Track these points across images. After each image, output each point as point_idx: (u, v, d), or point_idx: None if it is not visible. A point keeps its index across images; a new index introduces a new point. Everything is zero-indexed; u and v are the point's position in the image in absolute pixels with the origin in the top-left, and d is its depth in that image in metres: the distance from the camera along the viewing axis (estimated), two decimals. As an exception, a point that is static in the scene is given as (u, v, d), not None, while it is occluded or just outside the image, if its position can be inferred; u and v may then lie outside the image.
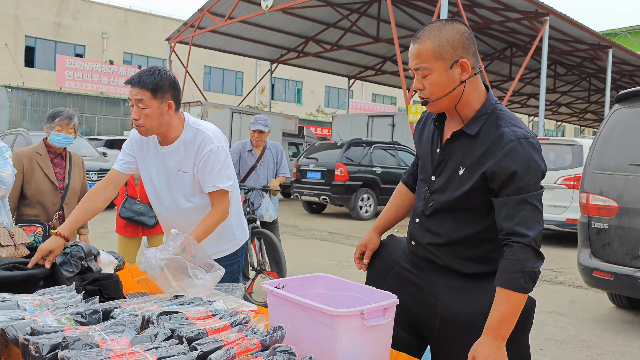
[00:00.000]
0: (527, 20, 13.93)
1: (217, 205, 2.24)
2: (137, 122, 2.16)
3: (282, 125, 16.39)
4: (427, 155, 1.74)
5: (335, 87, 36.69)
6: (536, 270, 1.48)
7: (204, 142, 2.22)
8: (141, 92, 2.11)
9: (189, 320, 1.46)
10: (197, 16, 16.72)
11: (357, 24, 16.89)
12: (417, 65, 1.58)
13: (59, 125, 3.44)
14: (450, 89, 1.56)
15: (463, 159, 1.60)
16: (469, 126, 1.60)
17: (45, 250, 2.10)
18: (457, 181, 1.62)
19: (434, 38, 1.55)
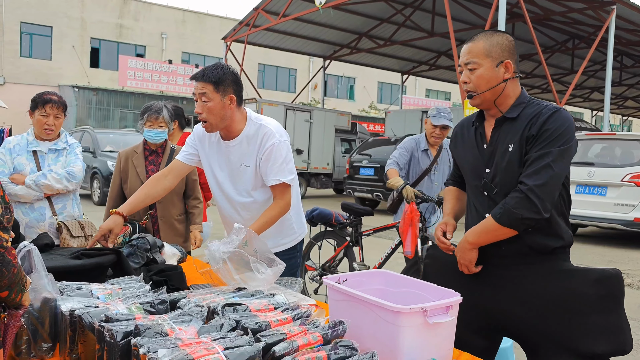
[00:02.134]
0: (592, 10, 13.28)
1: (279, 198, 2.29)
2: (200, 117, 2.24)
3: (335, 121, 16.41)
4: (475, 157, 1.90)
5: (388, 83, 36.37)
6: (516, 213, 1.69)
7: (267, 136, 2.28)
8: (204, 85, 2.19)
9: (252, 313, 1.49)
10: (252, 15, 16.98)
11: (411, 19, 16.66)
12: (468, 59, 1.81)
13: (149, 121, 3.28)
14: (494, 84, 1.79)
15: (511, 138, 1.78)
16: (509, 112, 1.81)
17: (105, 229, 2.19)
18: (508, 158, 1.78)
19: (486, 39, 1.81)
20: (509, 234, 1.74)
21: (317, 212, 4.67)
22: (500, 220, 1.72)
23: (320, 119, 15.94)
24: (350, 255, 4.55)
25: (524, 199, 1.68)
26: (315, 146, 15.67)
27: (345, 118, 16.95)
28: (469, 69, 1.82)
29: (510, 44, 1.81)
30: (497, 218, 1.72)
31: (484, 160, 1.86)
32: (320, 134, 15.84)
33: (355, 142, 16.81)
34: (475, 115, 1.97)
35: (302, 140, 15.35)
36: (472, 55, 1.81)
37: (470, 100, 1.84)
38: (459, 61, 1.87)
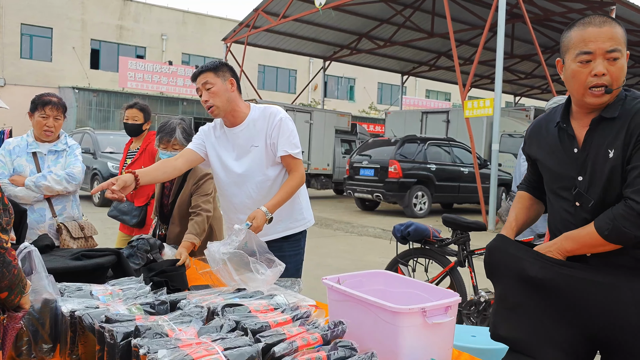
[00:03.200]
0: (591, 10, 13.29)
1: (295, 170, 2.45)
2: (207, 104, 2.39)
3: (335, 122, 16.42)
4: (561, 162, 1.66)
5: (388, 84, 36.36)
6: (626, 231, 1.48)
7: (273, 113, 2.46)
8: (204, 75, 2.38)
9: (252, 313, 1.50)
10: (252, 16, 17.01)
11: (411, 19, 16.68)
12: (613, 46, 1.52)
13: (162, 144, 3.02)
14: (625, 77, 1.56)
15: (610, 142, 1.54)
16: (607, 111, 1.56)
17: (122, 182, 2.14)
18: (610, 166, 1.54)
19: (618, 24, 1.56)
20: (613, 247, 1.54)
21: (413, 227, 3.99)
22: (608, 237, 1.51)
23: (320, 119, 15.96)
24: (456, 278, 3.84)
25: (634, 215, 1.47)
26: (315, 147, 15.68)
27: (345, 119, 16.96)
28: (612, 57, 1.51)
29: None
30: (604, 235, 1.51)
31: (575, 167, 1.62)
32: (321, 135, 15.85)
33: (356, 143, 16.81)
34: (558, 112, 1.70)
35: (302, 141, 15.31)
36: (616, 42, 1.51)
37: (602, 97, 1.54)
38: (592, 47, 1.52)
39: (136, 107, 3.84)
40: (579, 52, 1.55)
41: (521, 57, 19.61)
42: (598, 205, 1.58)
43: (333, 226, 10.12)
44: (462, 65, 18.44)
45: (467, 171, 12.38)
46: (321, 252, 7.36)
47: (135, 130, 3.85)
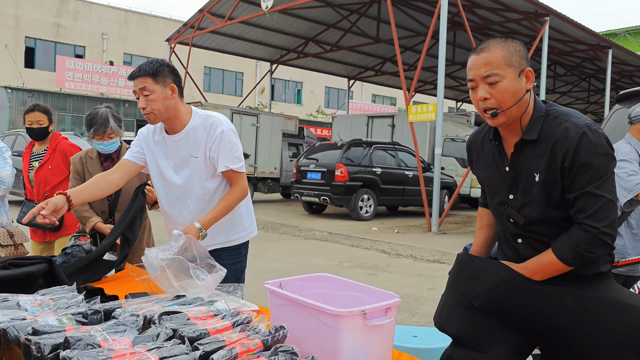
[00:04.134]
0: (527, 21, 13.93)
1: (237, 184, 2.35)
2: (144, 111, 2.24)
3: (283, 125, 16.39)
4: (496, 177, 1.72)
5: (335, 88, 36.69)
6: (590, 255, 1.54)
7: (214, 124, 2.32)
8: (143, 79, 2.21)
9: (190, 321, 1.46)
10: (197, 17, 16.73)
11: (357, 25, 16.90)
12: (488, 72, 1.56)
13: (97, 135, 3.03)
14: (520, 97, 1.57)
15: (535, 166, 1.60)
16: (527, 133, 1.60)
17: (52, 205, 2.04)
18: (538, 189, 1.60)
19: (502, 47, 1.58)
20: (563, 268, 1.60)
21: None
22: (573, 264, 1.56)
23: (267, 123, 15.88)
24: None
25: (595, 240, 1.53)
26: (262, 150, 15.59)
27: (293, 122, 16.96)
28: (490, 82, 1.56)
29: (524, 50, 1.61)
30: (569, 263, 1.56)
31: (505, 185, 1.68)
32: (268, 138, 15.77)
33: (303, 147, 16.84)
34: (490, 131, 1.73)
35: (249, 144, 15.24)
36: (492, 67, 1.56)
37: (493, 119, 1.59)
38: (473, 75, 1.60)
39: (38, 110, 3.62)
40: (467, 79, 1.64)
41: (462, 64, 20.25)
42: (530, 224, 1.64)
43: (280, 230, 10.08)
44: (406, 71, 18.85)
45: (411, 174, 12.65)
46: (267, 256, 7.31)
47: (42, 134, 3.65)
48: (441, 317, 1.75)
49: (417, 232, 10.45)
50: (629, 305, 1.57)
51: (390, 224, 11.49)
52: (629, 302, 1.58)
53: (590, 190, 1.52)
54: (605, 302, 1.59)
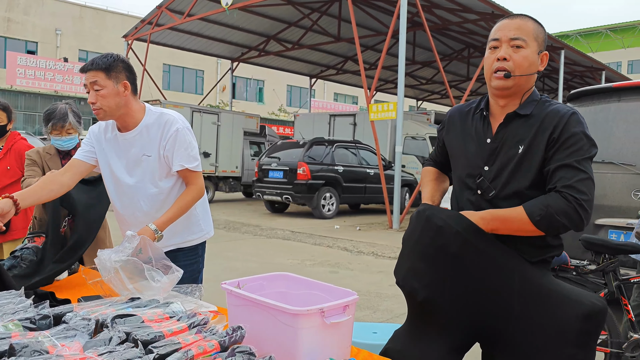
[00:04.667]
0: (484, 22, 14.26)
1: (193, 184, 2.28)
2: (94, 107, 2.15)
3: (244, 124, 16.26)
4: (472, 149, 1.73)
5: (297, 86, 36.67)
6: (558, 220, 1.53)
7: (169, 122, 2.24)
8: (95, 73, 2.13)
9: (145, 323, 1.42)
10: (155, 13, 16.41)
11: (318, 23, 16.92)
12: (516, 35, 1.62)
13: (55, 130, 2.98)
14: (534, 71, 1.64)
15: (521, 138, 1.63)
16: (522, 108, 1.65)
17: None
18: (517, 161, 1.63)
19: (534, 22, 1.67)
20: (533, 233, 1.59)
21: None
22: (537, 223, 1.55)
23: (228, 121, 15.72)
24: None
25: (572, 209, 1.53)
26: (223, 149, 15.42)
27: (254, 121, 16.85)
28: (516, 45, 1.61)
29: (547, 37, 1.69)
30: (535, 220, 1.55)
31: (483, 156, 1.70)
32: (229, 137, 15.61)
33: (264, 145, 16.76)
34: (482, 103, 1.76)
35: (210, 143, 15.05)
36: (521, 32, 1.62)
37: (504, 80, 1.62)
38: (499, 35, 1.64)
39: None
40: (490, 40, 1.68)
41: (422, 64, 20.58)
42: (497, 197, 1.66)
43: (241, 229, 9.99)
44: (367, 70, 19.02)
45: (372, 172, 12.77)
46: (228, 256, 7.24)
47: (1, 132, 3.51)
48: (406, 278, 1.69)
49: (379, 230, 10.55)
50: (570, 299, 1.60)
51: (352, 221, 11.57)
52: (570, 296, 1.61)
53: (572, 163, 1.55)
54: (547, 292, 1.60)
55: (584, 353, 1.59)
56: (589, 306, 1.58)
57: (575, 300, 1.59)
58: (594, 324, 1.59)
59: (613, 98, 4.51)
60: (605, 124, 4.44)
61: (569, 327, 1.56)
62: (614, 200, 4.23)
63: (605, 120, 4.45)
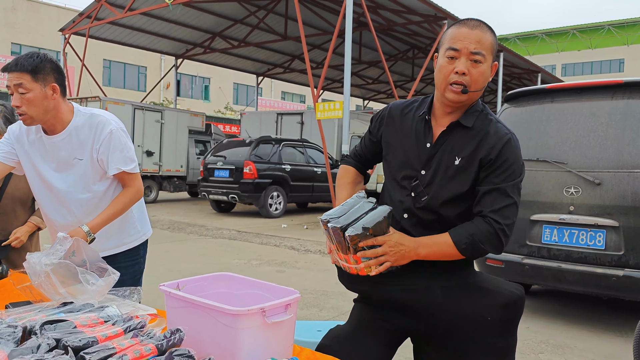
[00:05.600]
0: (427, 23, 14.60)
1: (130, 186, 2.20)
2: (19, 110, 2.02)
3: (189, 122, 15.92)
4: (411, 150, 1.70)
5: (244, 84, 36.30)
6: (482, 247, 1.57)
7: (101, 124, 2.13)
8: (20, 75, 1.98)
9: (77, 329, 1.36)
10: (95, 6, 15.81)
11: (264, 21, 16.80)
12: (477, 49, 1.57)
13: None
14: (486, 85, 1.62)
15: (459, 150, 1.63)
16: (464, 119, 1.64)
17: None
18: (452, 171, 1.63)
19: (492, 34, 1.61)
20: (457, 257, 1.61)
21: None
22: (464, 251, 1.58)
23: (172, 119, 15.35)
24: None
25: (494, 235, 1.57)
26: (167, 148, 15.04)
27: (199, 119, 16.54)
28: (474, 59, 1.57)
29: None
30: (462, 248, 1.57)
31: (421, 160, 1.68)
32: (173, 135, 15.25)
33: (210, 144, 16.49)
34: (425, 104, 1.73)
35: (153, 141, 14.64)
36: (482, 46, 1.57)
37: (460, 95, 1.59)
38: (459, 45, 1.57)
39: None
40: (448, 48, 1.61)
41: (368, 64, 20.85)
42: (430, 202, 1.65)
43: (186, 230, 9.79)
44: (314, 69, 19.06)
45: (319, 171, 12.82)
46: (173, 257, 7.08)
47: None
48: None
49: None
50: (489, 290, 1.68)
51: (299, 220, 11.57)
52: (488, 287, 1.69)
53: (503, 188, 1.58)
54: (468, 288, 1.68)
55: (504, 340, 1.66)
56: (507, 295, 1.66)
57: (494, 291, 1.67)
58: (513, 312, 1.66)
59: (547, 99, 4.73)
60: (539, 124, 4.64)
61: (489, 317, 1.63)
62: (547, 196, 4.43)
63: (540, 120, 4.65)
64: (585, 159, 4.27)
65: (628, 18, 48.50)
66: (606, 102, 4.34)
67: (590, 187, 4.19)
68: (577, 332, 4.29)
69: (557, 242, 4.35)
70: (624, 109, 4.23)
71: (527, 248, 4.50)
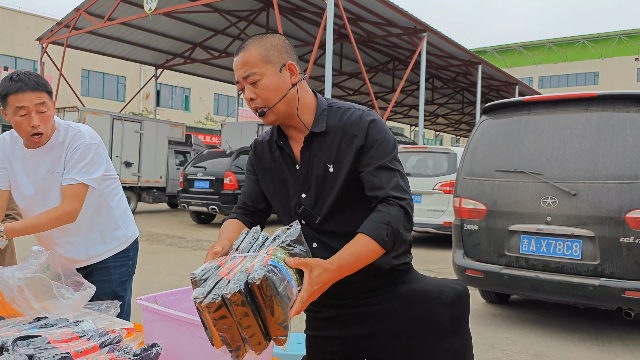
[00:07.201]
0: (407, 36, 14.79)
1: (68, 202, 2.07)
2: (38, 130, 2.03)
3: (169, 132, 15.81)
4: (286, 179, 1.61)
5: (225, 95, 36.22)
6: (401, 231, 1.43)
7: (75, 137, 2.14)
8: (41, 95, 2.01)
9: (51, 344, 1.33)
10: (73, 16, 15.66)
11: (245, 32, 16.84)
12: (246, 72, 1.48)
13: None
14: (285, 92, 1.50)
15: (327, 157, 1.54)
16: (316, 126, 1.55)
17: None
18: (332, 180, 1.54)
19: (258, 44, 1.50)
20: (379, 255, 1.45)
21: None
22: (386, 244, 1.41)
23: (152, 130, 15.22)
24: None
25: (405, 214, 1.44)
26: (146, 158, 14.90)
27: (179, 129, 16.44)
28: (251, 82, 1.48)
29: (284, 44, 1.53)
30: (384, 241, 1.40)
31: (298, 184, 1.58)
32: (152, 146, 15.11)
33: (190, 154, 16.38)
34: (274, 132, 1.64)
35: (132, 152, 14.49)
36: (249, 66, 1.47)
37: (264, 118, 1.52)
38: (237, 77, 1.52)
39: None
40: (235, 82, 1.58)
41: (349, 75, 21.00)
42: (324, 221, 1.57)
43: (165, 241, 9.68)
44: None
45: (300, 182, 12.80)
46: (151, 270, 6.98)
47: None
48: None
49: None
50: (432, 291, 1.62)
51: (280, 231, 11.50)
52: (431, 288, 1.63)
53: (385, 164, 1.49)
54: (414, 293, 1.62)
55: (459, 338, 1.61)
56: (451, 293, 1.61)
57: (438, 291, 1.62)
58: (460, 308, 1.62)
59: (524, 111, 4.81)
60: (517, 135, 4.72)
61: (439, 319, 1.59)
62: (525, 207, 4.49)
63: (517, 132, 4.73)
64: (561, 170, 4.34)
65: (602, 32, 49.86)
66: (581, 114, 4.44)
67: (566, 198, 4.26)
68: (555, 341, 4.34)
69: (535, 252, 4.41)
70: (598, 121, 4.33)
71: (505, 258, 4.55)
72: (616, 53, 48.63)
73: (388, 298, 1.61)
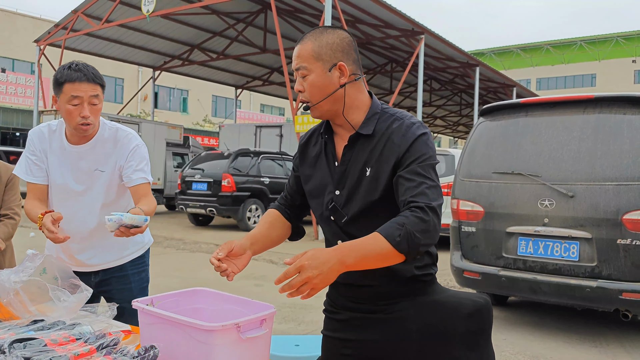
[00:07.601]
0: (405, 38, 14.80)
1: (150, 199, 2.15)
2: (87, 121, 2.05)
3: (166, 134, 15.80)
4: (324, 174, 1.63)
5: (223, 97, 36.22)
6: (416, 234, 1.37)
7: (128, 137, 2.21)
8: (96, 87, 2.06)
9: (47, 347, 1.33)
10: (71, 18, 15.65)
11: (243, 34, 16.84)
12: (298, 65, 1.54)
13: None
14: (331, 92, 1.52)
15: (367, 160, 1.54)
16: (363, 127, 1.55)
17: None
18: (366, 183, 1.54)
19: (314, 39, 1.53)
20: (397, 261, 1.40)
21: None
22: (399, 244, 1.35)
23: (149, 131, 15.21)
24: None
25: (422, 221, 1.39)
26: (144, 160, 14.87)
27: (177, 131, 16.43)
28: (301, 75, 1.53)
29: (342, 42, 1.53)
30: (396, 242, 1.35)
31: (333, 181, 1.59)
32: (150, 148, 14.89)
33: (188, 156, 16.37)
34: (322, 126, 1.67)
35: (130, 154, 14.47)
36: (301, 60, 1.53)
37: (310, 110, 1.57)
38: (292, 66, 1.58)
39: None
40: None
41: (346, 77, 20.97)
42: (350, 221, 1.57)
43: (163, 244, 9.66)
44: (293, 82, 19.10)
45: (299, 184, 12.81)
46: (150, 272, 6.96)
47: None
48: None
49: (305, 241, 10.58)
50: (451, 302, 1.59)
51: (278, 233, 11.49)
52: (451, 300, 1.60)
53: (420, 171, 1.47)
54: (433, 303, 1.60)
55: (476, 355, 1.56)
56: (470, 305, 1.57)
57: (457, 302, 1.59)
58: (478, 321, 1.57)
59: (521, 113, 4.82)
60: (514, 137, 4.73)
61: (453, 330, 1.55)
62: (522, 209, 4.50)
63: (515, 134, 4.74)
64: (558, 171, 4.35)
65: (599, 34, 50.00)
66: (578, 116, 4.45)
67: (563, 200, 4.27)
68: (553, 343, 4.35)
69: (533, 254, 4.41)
70: (595, 123, 4.34)
71: (503, 260, 4.55)
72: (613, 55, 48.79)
73: (405, 307, 1.59)
